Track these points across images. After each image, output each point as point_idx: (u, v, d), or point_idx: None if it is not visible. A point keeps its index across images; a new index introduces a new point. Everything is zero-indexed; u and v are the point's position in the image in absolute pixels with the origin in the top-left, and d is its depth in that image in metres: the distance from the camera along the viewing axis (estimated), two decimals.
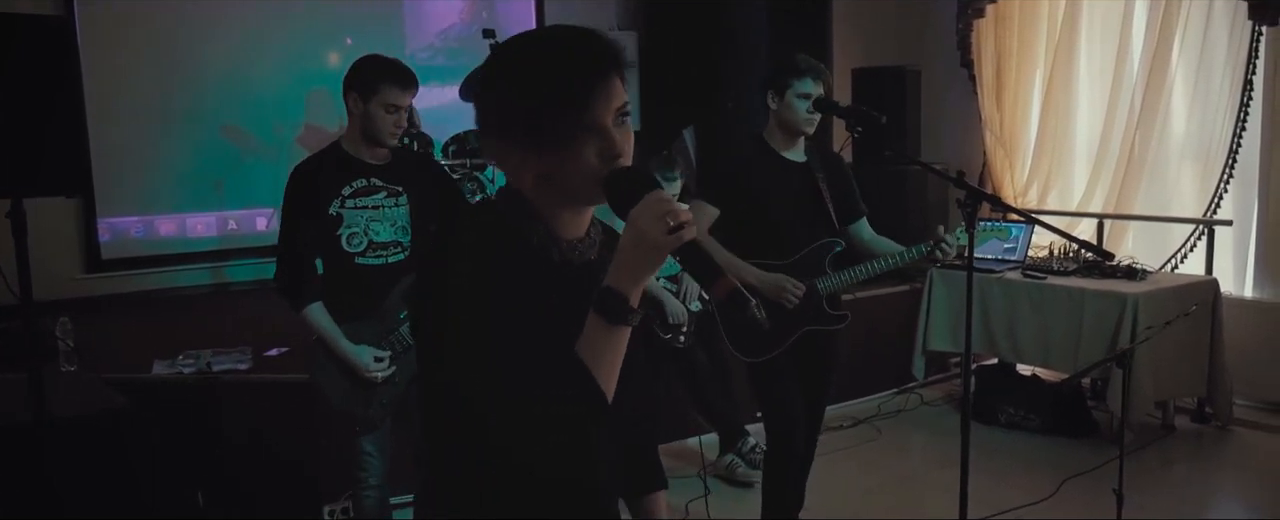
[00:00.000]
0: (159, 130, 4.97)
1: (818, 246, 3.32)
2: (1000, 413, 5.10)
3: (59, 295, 4.50)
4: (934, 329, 5.36)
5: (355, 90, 2.97)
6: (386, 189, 3.05)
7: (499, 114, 1.37)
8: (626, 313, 1.29)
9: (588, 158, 1.33)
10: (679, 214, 1.26)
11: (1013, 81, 6.07)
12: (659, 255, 1.28)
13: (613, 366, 1.32)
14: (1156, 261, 5.32)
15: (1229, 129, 5.18)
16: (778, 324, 3.25)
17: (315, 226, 2.97)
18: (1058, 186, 6.00)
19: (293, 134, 5.39)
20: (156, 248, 5.03)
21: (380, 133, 2.97)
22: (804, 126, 3.24)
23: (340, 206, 2.98)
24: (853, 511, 4.11)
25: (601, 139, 1.34)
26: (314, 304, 2.98)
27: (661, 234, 1.25)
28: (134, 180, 4.94)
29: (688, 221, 1.26)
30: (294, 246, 3.01)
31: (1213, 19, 5.23)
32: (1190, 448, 4.83)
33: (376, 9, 5.48)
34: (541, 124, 1.33)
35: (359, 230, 3.00)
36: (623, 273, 1.29)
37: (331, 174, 3.00)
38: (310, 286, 3.00)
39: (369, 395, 3.05)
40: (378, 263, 3.02)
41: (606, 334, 1.30)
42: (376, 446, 3.13)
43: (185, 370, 3.91)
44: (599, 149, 1.34)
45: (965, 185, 2.77)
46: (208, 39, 5.07)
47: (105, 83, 4.76)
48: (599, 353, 1.30)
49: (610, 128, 1.34)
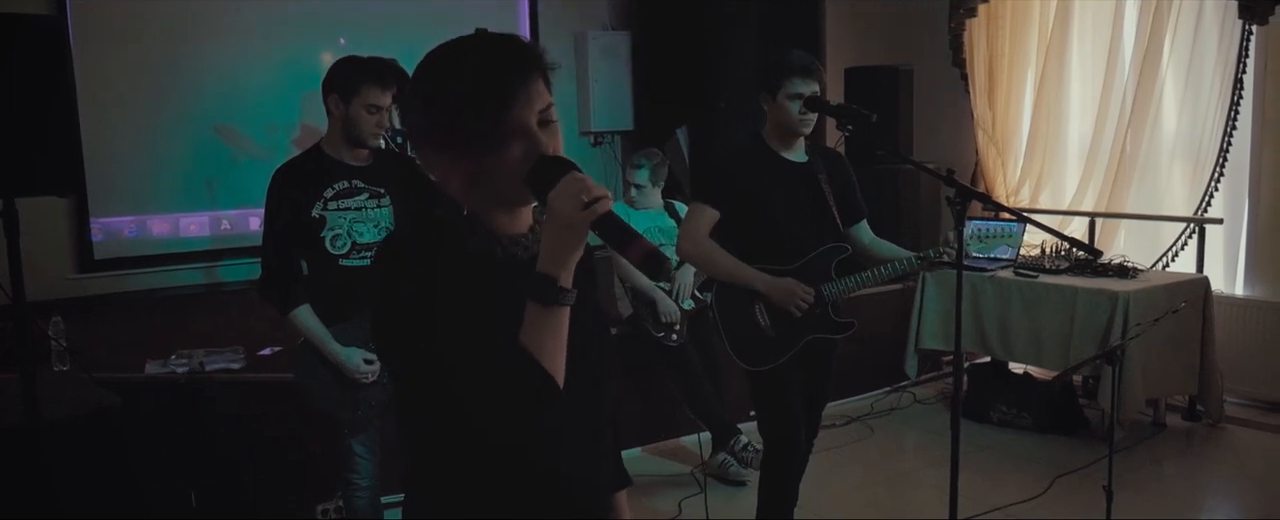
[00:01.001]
0: (152, 130, 4.96)
1: (824, 251, 3.21)
2: (992, 411, 5.12)
3: (51, 295, 4.49)
4: (926, 328, 5.38)
5: (335, 91, 2.98)
6: (369, 190, 3.05)
7: (423, 122, 1.40)
8: (557, 293, 1.32)
9: (514, 160, 1.36)
10: (592, 190, 1.30)
11: (1005, 81, 6.09)
12: (577, 233, 1.31)
13: (557, 349, 1.35)
14: (1148, 260, 5.34)
15: (1219, 128, 5.20)
16: (782, 332, 3.16)
17: (298, 229, 2.97)
18: (1050, 185, 6.02)
19: (288, 135, 5.38)
20: (149, 248, 5.02)
21: (362, 134, 2.98)
22: (798, 127, 3.16)
23: (323, 209, 2.98)
24: (845, 509, 4.12)
25: (526, 140, 1.37)
26: (301, 307, 2.99)
27: (576, 211, 1.29)
28: (127, 180, 4.93)
29: (602, 196, 1.30)
30: (277, 250, 3.01)
31: (1203, 18, 5.25)
32: (1181, 445, 4.85)
33: (371, 9, 5.48)
34: (462, 129, 1.36)
35: (342, 232, 3.00)
36: (548, 255, 1.32)
37: (313, 176, 2.99)
38: (296, 289, 3.01)
39: (357, 397, 3.05)
40: (362, 264, 3.02)
41: (544, 317, 1.33)
42: (366, 448, 3.13)
43: (178, 370, 3.92)
44: (524, 150, 1.37)
45: (955, 183, 2.75)
46: (201, 38, 5.06)
47: (98, 82, 4.75)
48: (541, 337, 1.33)
49: (534, 128, 1.37)
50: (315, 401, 3.07)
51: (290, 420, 3.79)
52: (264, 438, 3.85)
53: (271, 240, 3.03)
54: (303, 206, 2.96)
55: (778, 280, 3.12)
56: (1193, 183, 5.35)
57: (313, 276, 3.08)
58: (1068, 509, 4.01)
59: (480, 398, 1.33)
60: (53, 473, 2.89)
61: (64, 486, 2.97)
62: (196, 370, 3.92)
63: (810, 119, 3.16)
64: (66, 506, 2.95)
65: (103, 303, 4.81)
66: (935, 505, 3.88)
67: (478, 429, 1.35)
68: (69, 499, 2.98)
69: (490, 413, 1.34)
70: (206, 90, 5.09)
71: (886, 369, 5.61)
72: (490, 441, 1.37)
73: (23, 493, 2.89)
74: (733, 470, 4.38)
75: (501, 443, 1.37)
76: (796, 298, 3.10)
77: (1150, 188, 5.58)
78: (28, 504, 2.89)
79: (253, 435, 3.84)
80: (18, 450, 2.89)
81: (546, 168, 1.35)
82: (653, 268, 1.31)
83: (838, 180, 3.30)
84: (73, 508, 3.00)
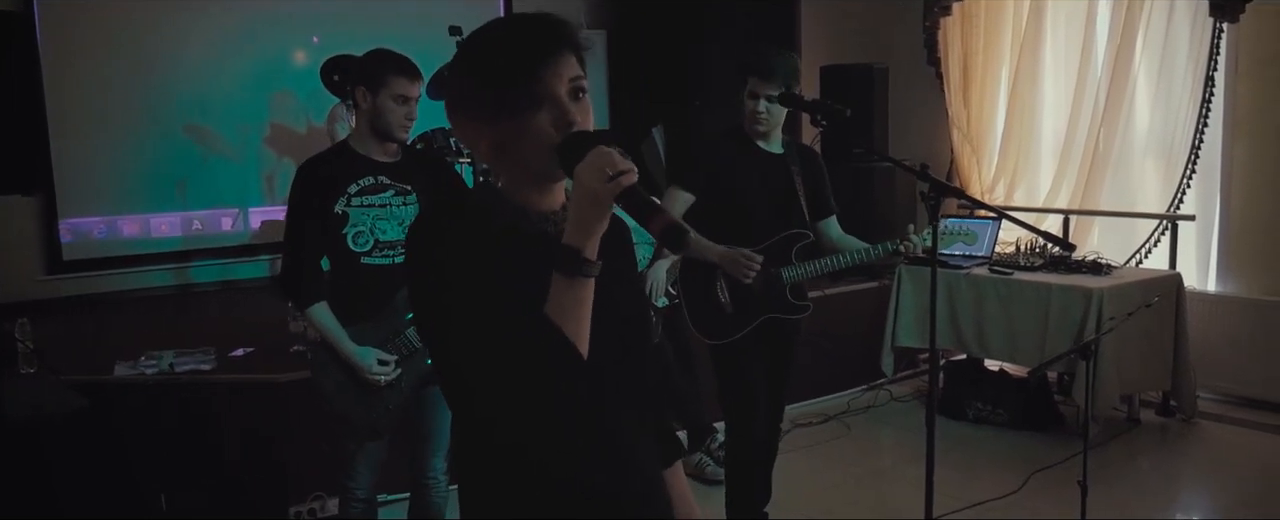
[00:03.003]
0: (122, 129, 4.91)
1: (786, 236, 3.35)
2: (968, 408, 5.13)
3: (19, 297, 4.44)
4: (902, 325, 5.39)
5: (362, 84, 2.87)
6: (395, 187, 2.94)
7: (459, 91, 1.47)
8: (581, 264, 1.35)
9: (542, 127, 1.41)
10: (617, 164, 1.33)
11: (979, 79, 6.12)
12: (603, 205, 1.34)
13: (581, 320, 1.37)
14: (1121, 256, 5.37)
15: (1191, 125, 5.23)
16: (741, 308, 3.31)
17: (320, 225, 2.88)
18: (1024, 183, 6.05)
19: (259, 134, 5.35)
20: (119, 248, 4.97)
21: (391, 126, 2.86)
22: (752, 123, 3.24)
23: (346, 205, 2.88)
24: (822, 507, 4.12)
25: (555, 109, 1.41)
26: (318, 304, 2.89)
27: (602, 184, 1.32)
28: (96, 180, 4.88)
29: (627, 170, 1.33)
30: (298, 245, 2.91)
31: (1174, 16, 5.29)
32: (1155, 440, 4.88)
33: (344, 8, 5.44)
34: (495, 95, 1.41)
35: (365, 229, 2.90)
36: (574, 227, 1.35)
37: (338, 171, 2.90)
38: (314, 285, 2.91)
39: (372, 399, 2.93)
40: (385, 262, 2.91)
41: (568, 289, 1.36)
42: (367, 456, 3.01)
43: (148, 371, 3.86)
44: (553, 119, 1.41)
45: (930, 179, 2.78)
46: (172, 37, 5.01)
47: (67, 81, 4.70)
48: (565, 309, 1.35)
49: (563, 98, 1.42)
50: (329, 403, 2.94)
51: (263, 421, 3.76)
52: (236, 439, 3.81)
53: (292, 235, 2.92)
54: (326, 202, 2.87)
55: (729, 250, 3.24)
56: (1165, 179, 5.39)
57: (333, 273, 2.96)
58: (1043, 504, 4.03)
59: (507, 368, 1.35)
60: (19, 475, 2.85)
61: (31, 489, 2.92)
62: (167, 372, 3.87)
63: (763, 115, 3.23)
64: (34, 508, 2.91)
65: (72, 304, 4.77)
66: (912, 502, 3.88)
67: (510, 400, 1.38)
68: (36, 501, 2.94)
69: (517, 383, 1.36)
70: (177, 89, 5.04)
71: (863, 367, 5.61)
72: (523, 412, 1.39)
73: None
74: (710, 470, 4.37)
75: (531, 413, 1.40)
76: (742, 264, 3.21)
77: (1123, 185, 5.61)
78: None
79: (224, 437, 3.79)
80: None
81: (576, 142, 1.38)
82: (673, 240, 1.33)
83: (810, 176, 3.40)
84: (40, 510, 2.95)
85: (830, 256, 3.37)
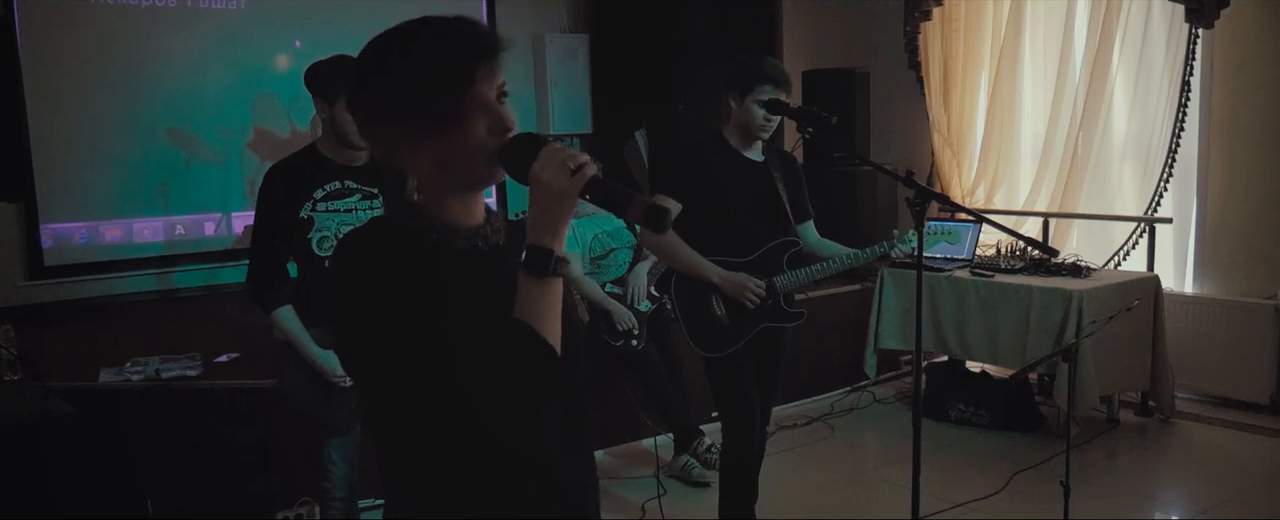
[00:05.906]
0: (104, 134, 4.87)
1: (777, 245, 3.35)
2: (950, 409, 5.17)
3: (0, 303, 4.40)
4: (885, 328, 5.42)
5: (320, 94, 2.91)
6: (361, 190, 2.97)
7: (391, 99, 1.40)
8: (552, 262, 1.33)
9: (479, 133, 1.39)
10: (576, 157, 1.33)
11: (959, 83, 6.16)
12: (569, 201, 1.34)
13: (553, 321, 1.35)
14: (1100, 259, 5.43)
15: (1168, 129, 5.30)
16: (737, 320, 3.30)
17: (286, 229, 2.91)
18: (1004, 186, 6.11)
19: (242, 138, 5.32)
20: (101, 254, 4.93)
21: (349, 134, 2.89)
22: (759, 131, 3.28)
23: (311, 209, 2.91)
24: (806, 508, 4.15)
25: (490, 114, 1.40)
26: (284, 307, 2.92)
27: (565, 179, 1.32)
28: (78, 185, 4.84)
29: (586, 161, 1.32)
30: (263, 249, 2.95)
31: (1151, 22, 5.35)
32: (1134, 440, 4.94)
33: (326, 13, 5.42)
34: (435, 103, 1.38)
35: (330, 234, 2.92)
36: (540, 227, 1.34)
37: (305, 176, 2.93)
38: (280, 289, 2.95)
39: (336, 399, 2.99)
40: None
41: (538, 289, 1.34)
42: (342, 455, 3.06)
43: (133, 378, 3.84)
44: (489, 124, 1.40)
45: (914, 184, 2.81)
46: (153, 40, 4.98)
47: (48, 86, 4.66)
48: (537, 311, 1.34)
49: (495, 103, 1.41)
50: (295, 404, 3.01)
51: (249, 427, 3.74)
52: (222, 445, 3.79)
53: (259, 239, 2.96)
54: (291, 207, 2.89)
55: (732, 275, 3.25)
56: (1143, 183, 5.46)
57: (299, 277, 3.01)
58: (1026, 504, 4.07)
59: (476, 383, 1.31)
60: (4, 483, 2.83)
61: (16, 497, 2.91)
62: (152, 378, 3.86)
63: (771, 125, 3.28)
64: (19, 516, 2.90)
65: (54, 310, 4.73)
66: (896, 503, 3.91)
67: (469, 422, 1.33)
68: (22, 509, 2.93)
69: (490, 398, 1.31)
70: (159, 93, 5.01)
71: (846, 369, 5.65)
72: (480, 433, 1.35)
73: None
74: (696, 472, 4.39)
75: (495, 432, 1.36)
76: (749, 291, 3.24)
77: (1102, 188, 5.67)
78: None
79: (210, 442, 3.78)
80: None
81: (522, 145, 1.37)
82: (655, 221, 1.32)
83: (791, 181, 3.43)
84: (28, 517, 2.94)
85: (822, 262, 3.39)
